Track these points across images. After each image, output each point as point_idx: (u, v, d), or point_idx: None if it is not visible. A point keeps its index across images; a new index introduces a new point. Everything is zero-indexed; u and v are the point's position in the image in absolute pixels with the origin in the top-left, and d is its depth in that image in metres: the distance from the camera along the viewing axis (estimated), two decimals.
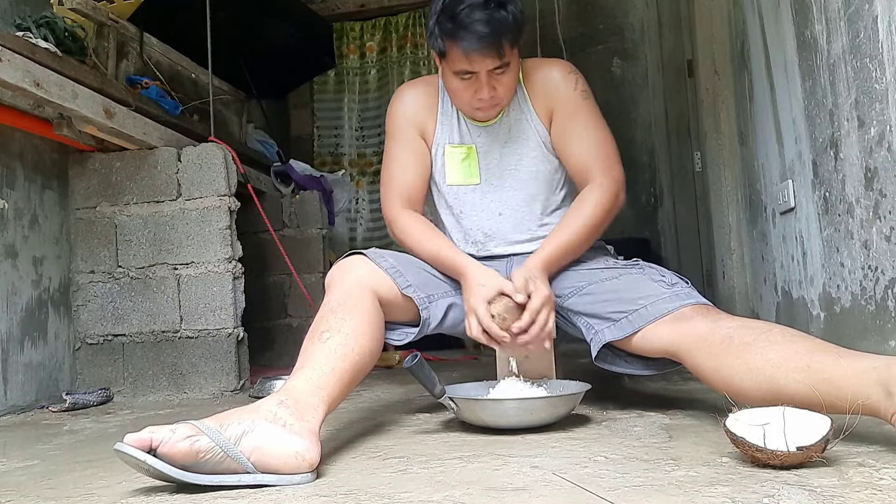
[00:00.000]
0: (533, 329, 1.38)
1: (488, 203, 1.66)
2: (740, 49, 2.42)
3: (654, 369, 1.46)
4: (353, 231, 4.34)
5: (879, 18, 1.33)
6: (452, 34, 1.47)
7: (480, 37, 1.45)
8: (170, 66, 2.93)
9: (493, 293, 1.41)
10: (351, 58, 4.47)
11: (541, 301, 1.39)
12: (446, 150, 1.67)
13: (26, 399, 2.18)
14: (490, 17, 1.44)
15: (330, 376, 1.21)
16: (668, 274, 1.45)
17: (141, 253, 2.42)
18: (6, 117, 2.06)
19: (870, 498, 0.80)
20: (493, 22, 1.45)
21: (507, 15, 1.46)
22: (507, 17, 1.46)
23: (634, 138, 4.06)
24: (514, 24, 1.48)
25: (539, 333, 1.39)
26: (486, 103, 1.56)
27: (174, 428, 1.00)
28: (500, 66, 1.50)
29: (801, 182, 1.89)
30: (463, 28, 1.45)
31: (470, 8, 1.45)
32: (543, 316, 1.39)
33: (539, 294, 1.39)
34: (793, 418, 0.94)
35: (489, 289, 1.42)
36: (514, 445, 1.21)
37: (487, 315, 1.39)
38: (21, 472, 1.28)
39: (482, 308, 1.40)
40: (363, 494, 0.95)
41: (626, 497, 0.86)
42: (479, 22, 1.44)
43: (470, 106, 1.59)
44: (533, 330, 1.38)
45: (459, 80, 1.53)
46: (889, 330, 1.41)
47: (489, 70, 1.50)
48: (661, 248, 3.98)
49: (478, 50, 1.46)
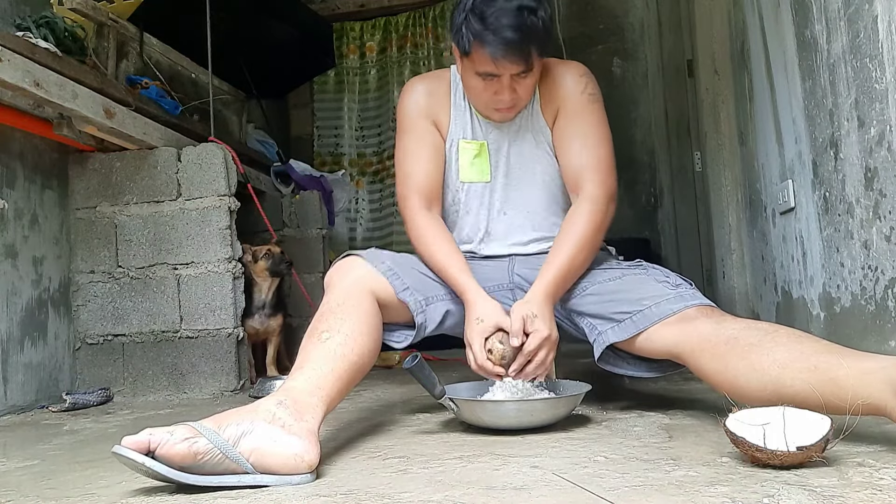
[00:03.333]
0: (529, 368, 1.38)
1: (495, 201, 1.65)
2: (740, 49, 2.42)
3: (657, 371, 1.45)
4: (353, 231, 4.34)
5: (879, 18, 1.33)
6: (481, 36, 1.43)
7: (509, 42, 1.42)
8: (170, 66, 2.93)
9: (491, 329, 1.40)
10: (351, 58, 4.47)
11: (537, 343, 1.37)
12: (460, 146, 1.64)
13: (26, 399, 2.18)
14: (521, 24, 1.41)
15: (329, 376, 1.21)
16: (672, 275, 1.45)
17: (141, 253, 2.42)
18: (6, 117, 2.06)
19: (870, 498, 0.80)
20: (524, 28, 1.42)
21: (538, 21, 1.44)
22: (538, 22, 1.44)
23: (634, 138, 4.06)
24: (544, 31, 1.46)
25: (535, 370, 1.39)
26: (505, 105, 1.54)
27: (172, 430, 0.99)
28: (524, 70, 1.47)
29: (801, 182, 1.89)
30: (492, 32, 1.42)
31: (501, 11, 1.42)
32: (541, 356, 1.38)
33: (537, 336, 1.37)
34: (793, 418, 0.94)
35: (487, 325, 1.41)
36: (514, 445, 1.21)
37: (482, 352, 1.38)
38: (21, 472, 1.28)
39: (477, 344, 1.39)
40: (363, 494, 0.95)
41: (626, 497, 0.86)
42: (509, 28, 1.41)
43: (488, 106, 1.57)
44: (528, 369, 1.38)
45: (481, 80, 1.51)
46: (889, 330, 1.41)
47: (513, 74, 1.48)
48: (661, 248, 3.98)
49: (505, 55, 1.43)
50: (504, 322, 1.40)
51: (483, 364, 1.38)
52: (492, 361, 1.38)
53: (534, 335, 1.37)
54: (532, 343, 1.37)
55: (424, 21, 4.36)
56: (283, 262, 2.61)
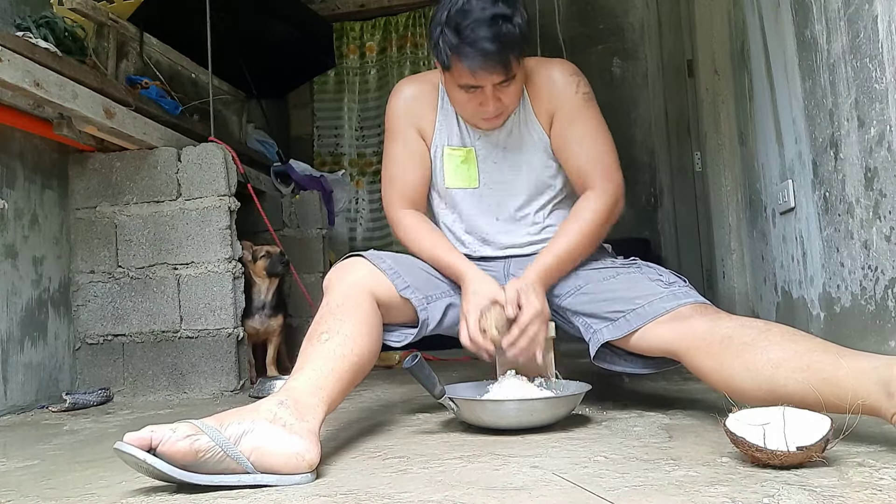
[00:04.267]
0: (520, 342, 1.38)
1: (486, 206, 1.65)
2: (740, 49, 2.42)
3: (653, 368, 1.46)
4: (352, 231, 4.34)
5: (879, 18, 1.33)
6: (458, 50, 1.42)
7: (487, 54, 1.41)
8: (170, 66, 2.93)
9: (487, 301, 1.41)
10: (351, 58, 4.47)
11: (531, 315, 1.38)
12: (445, 152, 1.64)
13: (26, 399, 2.18)
14: (497, 33, 1.40)
15: (329, 377, 1.21)
16: (666, 273, 1.45)
17: (141, 253, 2.42)
18: (6, 117, 2.06)
19: (870, 498, 0.80)
20: (500, 38, 1.40)
21: (514, 28, 1.42)
22: (514, 30, 1.42)
23: (634, 138, 4.06)
24: (521, 38, 1.45)
25: (528, 346, 1.39)
26: (490, 115, 1.54)
27: (174, 427, 1.00)
28: (505, 79, 1.47)
29: (801, 182, 1.89)
30: (468, 44, 1.41)
31: (476, 23, 1.40)
32: (533, 329, 1.39)
33: (530, 308, 1.38)
34: (793, 418, 0.94)
35: (482, 297, 1.42)
36: (514, 445, 1.21)
37: (476, 324, 1.39)
38: (21, 472, 1.28)
39: (472, 317, 1.40)
40: (363, 494, 0.95)
41: (626, 497, 0.86)
42: (486, 39, 1.40)
43: (474, 117, 1.57)
44: (521, 342, 1.38)
45: (464, 92, 1.50)
46: (889, 330, 1.41)
47: (495, 84, 1.47)
48: (661, 248, 3.98)
49: (483, 67, 1.42)
50: (499, 295, 1.42)
51: (475, 336, 1.39)
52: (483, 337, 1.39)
53: (527, 307, 1.38)
54: (525, 316, 1.38)
55: (424, 21, 4.36)
56: (281, 263, 2.62)
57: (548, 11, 4.03)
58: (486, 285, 1.45)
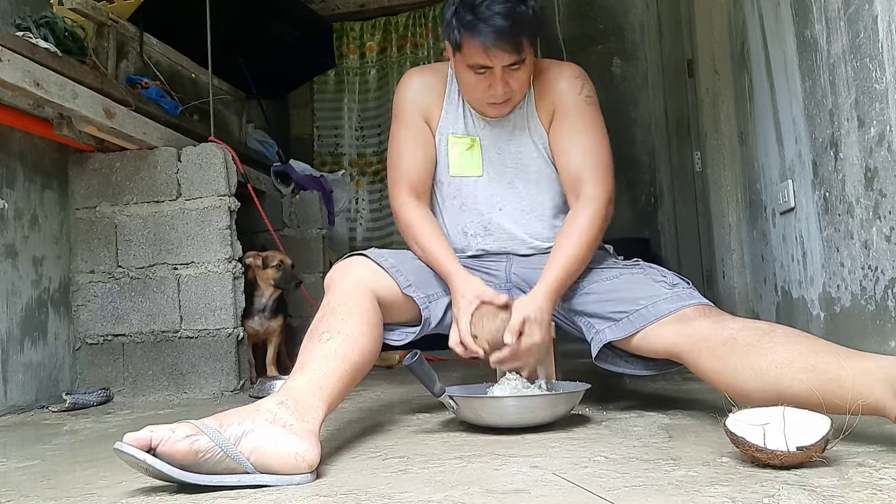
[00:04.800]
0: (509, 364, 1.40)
1: (489, 196, 1.64)
2: (740, 49, 2.42)
3: (655, 369, 1.46)
4: (352, 231, 4.34)
5: (879, 18, 1.33)
6: (471, 26, 1.44)
7: (499, 31, 1.42)
8: (170, 66, 2.93)
9: (476, 303, 1.42)
10: (351, 58, 4.47)
11: (527, 347, 1.38)
12: (449, 140, 1.65)
13: (26, 399, 2.18)
14: (511, 11, 1.42)
15: (330, 377, 1.21)
16: (670, 274, 1.45)
17: (141, 253, 2.42)
18: (6, 117, 2.06)
19: (870, 498, 0.80)
20: (514, 16, 1.42)
21: (528, 10, 1.44)
22: (528, 11, 1.44)
23: (634, 138, 4.06)
24: (535, 20, 1.47)
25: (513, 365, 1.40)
26: (499, 99, 1.54)
27: (174, 427, 0.99)
28: (516, 61, 1.47)
29: (801, 182, 1.89)
30: (482, 21, 1.43)
31: (491, 1, 1.43)
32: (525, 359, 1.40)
33: (529, 341, 1.38)
34: (793, 418, 0.94)
35: (470, 299, 1.43)
36: (514, 445, 1.21)
37: (467, 329, 1.40)
38: (21, 472, 1.28)
39: (464, 321, 1.41)
40: (363, 494, 0.95)
41: (626, 497, 0.86)
42: (499, 15, 1.42)
43: (482, 101, 1.57)
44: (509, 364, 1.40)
45: (474, 73, 1.51)
46: (889, 330, 1.41)
47: (505, 65, 1.48)
48: (661, 248, 3.98)
49: (496, 44, 1.43)
50: (486, 293, 1.42)
51: (466, 341, 1.40)
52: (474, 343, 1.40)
53: (527, 338, 1.38)
54: (523, 346, 1.38)
55: (424, 21, 4.36)
56: (293, 281, 2.62)
57: (548, 11, 4.03)
58: (471, 286, 1.45)
